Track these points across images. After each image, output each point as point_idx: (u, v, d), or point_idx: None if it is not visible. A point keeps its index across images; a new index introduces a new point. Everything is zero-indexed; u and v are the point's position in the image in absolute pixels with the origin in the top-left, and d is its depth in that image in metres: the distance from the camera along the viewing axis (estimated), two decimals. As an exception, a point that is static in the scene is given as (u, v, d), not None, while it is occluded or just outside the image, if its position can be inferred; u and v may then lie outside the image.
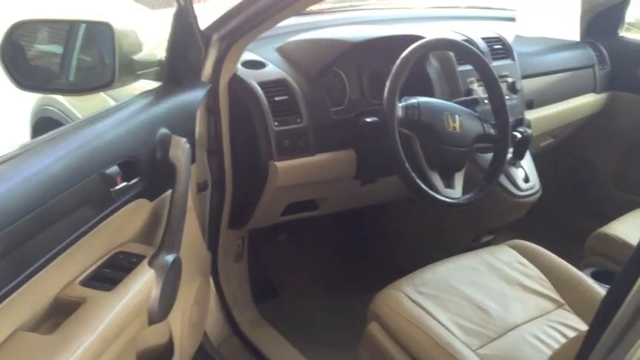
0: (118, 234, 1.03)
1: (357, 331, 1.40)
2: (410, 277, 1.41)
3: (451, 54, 1.69)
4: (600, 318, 0.71)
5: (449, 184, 1.46)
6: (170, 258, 1.04)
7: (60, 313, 0.88)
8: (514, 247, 1.55)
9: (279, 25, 1.34)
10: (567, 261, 1.51)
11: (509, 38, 1.93)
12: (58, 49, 1.25)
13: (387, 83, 1.39)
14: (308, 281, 2.10)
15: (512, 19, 2.24)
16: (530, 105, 1.94)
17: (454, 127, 1.44)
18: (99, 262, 0.98)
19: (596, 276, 1.64)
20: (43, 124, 2.29)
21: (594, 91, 2.21)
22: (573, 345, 1.02)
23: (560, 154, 2.45)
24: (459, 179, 1.48)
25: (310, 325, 1.87)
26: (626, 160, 2.34)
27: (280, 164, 1.41)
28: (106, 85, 1.19)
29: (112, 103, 1.79)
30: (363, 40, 1.57)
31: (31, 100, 2.38)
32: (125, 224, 1.04)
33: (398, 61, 1.41)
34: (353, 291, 1.97)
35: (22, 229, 0.78)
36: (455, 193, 1.45)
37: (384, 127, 1.38)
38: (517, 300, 1.38)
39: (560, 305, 1.39)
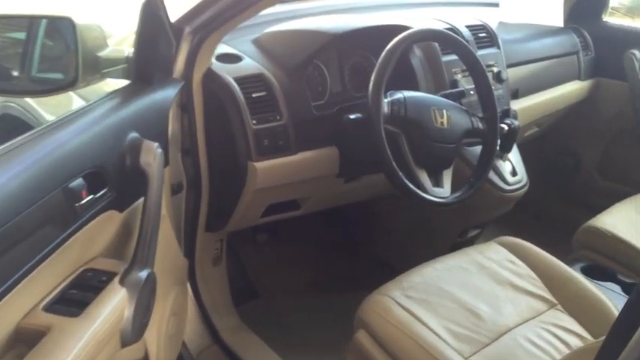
0: (85, 250, 0.95)
1: (343, 333, 1.35)
2: (397, 280, 1.35)
3: (435, 44, 1.62)
4: (616, 333, 0.66)
5: (437, 182, 1.39)
6: (144, 274, 0.97)
7: (22, 344, 0.80)
8: (503, 245, 1.50)
9: None
10: (554, 253, 1.47)
11: (493, 25, 1.86)
12: (20, 35, 1.15)
13: (372, 78, 1.32)
14: (290, 282, 2.03)
15: (496, 5, 2.18)
16: (516, 95, 1.89)
17: (442, 123, 1.38)
18: (65, 283, 0.90)
19: (586, 271, 1.62)
20: (3, 121, 2.18)
21: (579, 78, 2.17)
22: (579, 358, 0.98)
23: (544, 143, 2.41)
24: (447, 177, 1.42)
25: (293, 329, 1.81)
26: (610, 148, 2.31)
27: (260, 165, 1.33)
28: (68, 85, 1.11)
29: (78, 99, 1.69)
30: (345, 31, 1.49)
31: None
32: (93, 239, 0.96)
33: (382, 55, 1.33)
34: (338, 290, 1.91)
35: None
36: (443, 192, 1.39)
37: (369, 124, 1.31)
38: (509, 301, 1.34)
39: (552, 305, 1.35)
